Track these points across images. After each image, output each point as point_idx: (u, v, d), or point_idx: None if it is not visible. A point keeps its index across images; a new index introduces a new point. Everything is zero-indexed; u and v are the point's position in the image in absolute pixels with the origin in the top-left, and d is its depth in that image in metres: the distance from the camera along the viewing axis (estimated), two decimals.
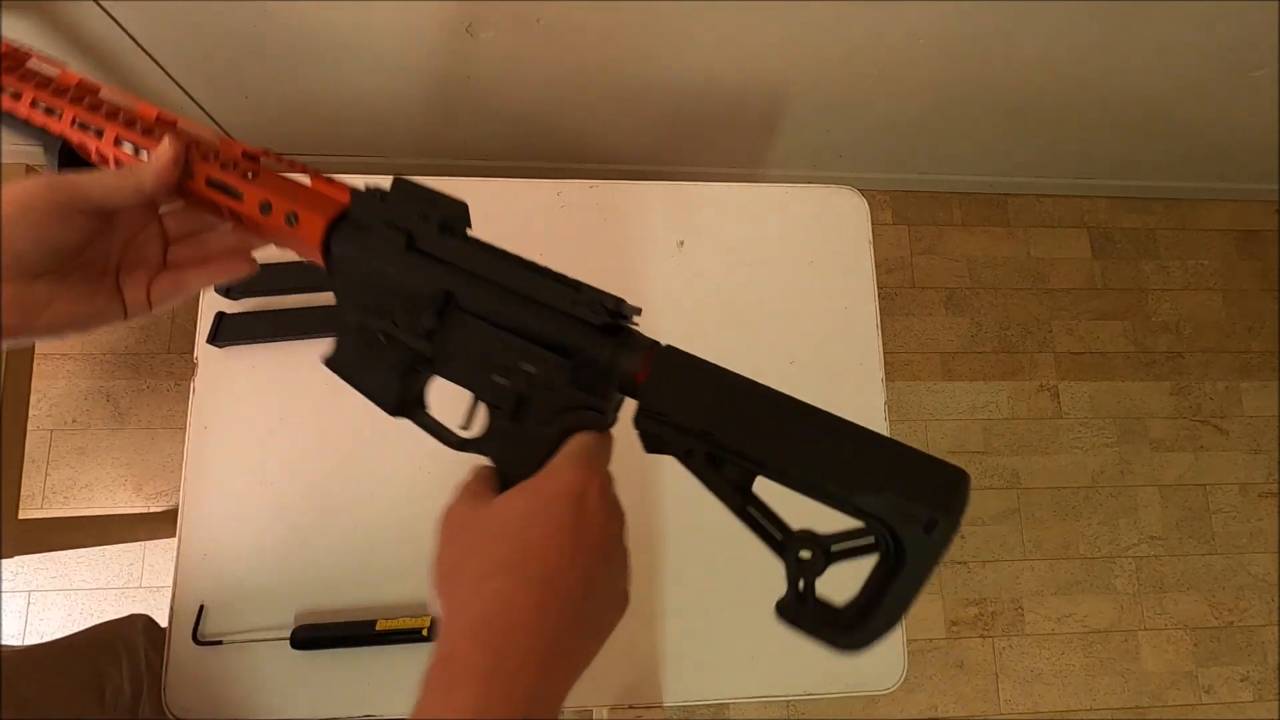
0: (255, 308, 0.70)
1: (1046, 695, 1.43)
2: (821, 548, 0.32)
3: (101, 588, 1.25)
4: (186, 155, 0.34)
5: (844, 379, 0.74)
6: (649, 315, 0.78)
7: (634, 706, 0.65)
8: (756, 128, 1.32)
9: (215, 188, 0.35)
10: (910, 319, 1.57)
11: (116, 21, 0.96)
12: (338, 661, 0.63)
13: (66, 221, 0.32)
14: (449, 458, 0.71)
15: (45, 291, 0.32)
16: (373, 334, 0.35)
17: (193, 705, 0.62)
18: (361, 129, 1.26)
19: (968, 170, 1.56)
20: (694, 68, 1.11)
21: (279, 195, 0.35)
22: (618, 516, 0.33)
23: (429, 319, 0.34)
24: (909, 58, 1.10)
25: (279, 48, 1.02)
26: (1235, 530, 1.55)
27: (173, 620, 0.63)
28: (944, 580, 1.46)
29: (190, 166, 0.35)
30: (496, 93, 1.15)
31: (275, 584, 0.65)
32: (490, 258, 0.35)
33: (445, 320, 0.34)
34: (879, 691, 0.68)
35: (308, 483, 0.67)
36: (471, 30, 0.99)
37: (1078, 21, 1.02)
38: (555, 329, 0.33)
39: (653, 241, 0.76)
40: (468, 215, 0.35)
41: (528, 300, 0.34)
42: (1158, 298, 1.65)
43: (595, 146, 1.35)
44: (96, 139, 0.35)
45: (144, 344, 1.35)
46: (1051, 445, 1.54)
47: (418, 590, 0.66)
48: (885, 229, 1.60)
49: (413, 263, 0.34)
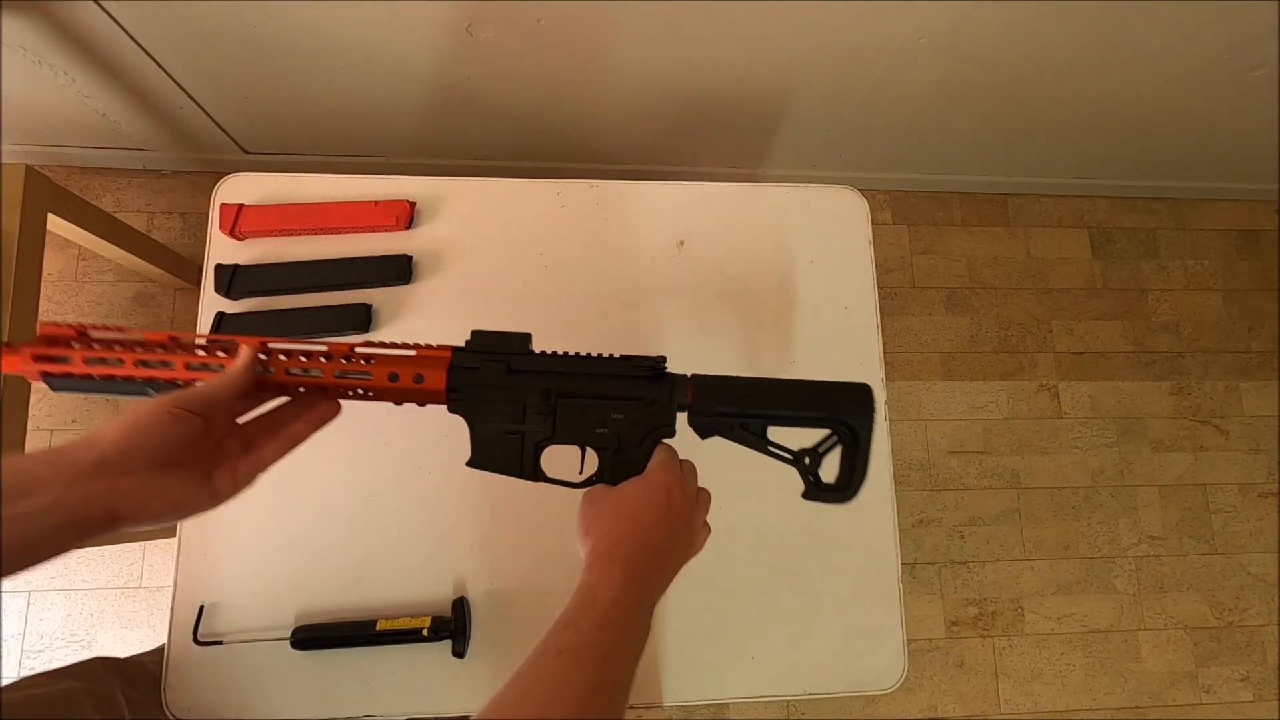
0: (255, 308, 0.70)
1: (1046, 695, 1.43)
2: (815, 452, 0.54)
3: (101, 588, 1.25)
4: (258, 359, 0.47)
5: (844, 379, 0.74)
6: (649, 315, 0.78)
7: (634, 706, 0.65)
8: (756, 128, 1.32)
9: (296, 375, 0.48)
10: (910, 319, 1.57)
11: (116, 21, 0.95)
12: (338, 661, 0.63)
13: (180, 421, 0.41)
14: (446, 460, 0.71)
15: (160, 482, 0.40)
16: (502, 434, 0.51)
17: (193, 705, 0.62)
18: (361, 129, 1.26)
19: (968, 170, 1.56)
20: (694, 68, 1.11)
21: (401, 365, 0.49)
22: (692, 497, 0.51)
23: (546, 408, 0.51)
24: (909, 58, 1.10)
25: (279, 48, 1.02)
26: (1235, 530, 1.55)
27: (173, 620, 0.63)
28: (944, 580, 1.46)
29: (268, 366, 0.47)
30: (496, 93, 1.15)
31: (275, 584, 0.65)
32: (563, 359, 0.53)
33: (555, 407, 0.52)
34: (879, 691, 0.68)
35: (308, 484, 0.67)
36: (471, 30, 0.99)
37: (1078, 22, 1.02)
38: (628, 388, 0.52)
39: (653, 241, 0.76)
40: (530, 339, 0.53)
41: (604, 376, 0.52)
42: (1158, 298, 1.65)
43: (595, 146, 1.35)
44: (171, 370, 0.47)
45: None
46: (1051, 445, 1.54)
47: (417, 590, 0.66)
48: (885, 229, 1.60)
49: (517, 379, 0.51)
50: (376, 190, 0.74)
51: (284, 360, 0.48)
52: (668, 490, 0.49)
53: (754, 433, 0.53)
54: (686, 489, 0.50)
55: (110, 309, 1.35)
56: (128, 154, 1.36)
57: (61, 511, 0.37)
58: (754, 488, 0.70)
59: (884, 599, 0.70)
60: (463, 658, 0.63)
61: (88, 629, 1.24)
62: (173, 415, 0.41)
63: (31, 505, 0.36)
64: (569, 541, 0.53)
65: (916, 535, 1.47)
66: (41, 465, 0.38)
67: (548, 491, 0.64)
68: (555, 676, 0.38)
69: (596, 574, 0.43)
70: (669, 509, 0.48)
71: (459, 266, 0.73)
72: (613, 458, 0.52)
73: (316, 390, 0.48)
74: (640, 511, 0.47)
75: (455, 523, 0.67)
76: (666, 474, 0.49)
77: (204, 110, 1.19)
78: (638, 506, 0.48)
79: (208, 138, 1.28)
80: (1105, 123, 1.34)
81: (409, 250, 0.72)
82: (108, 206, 1.39)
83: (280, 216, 0.72)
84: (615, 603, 0.41)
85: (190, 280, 1.31)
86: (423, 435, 0.68)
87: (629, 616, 0.42)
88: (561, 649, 0.39)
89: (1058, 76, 1.18)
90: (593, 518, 0.49)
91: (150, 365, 0.47)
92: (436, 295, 0.72)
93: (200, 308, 0.70)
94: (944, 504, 1.49)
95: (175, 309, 1.37)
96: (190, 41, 1.01)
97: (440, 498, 0.68)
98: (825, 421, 0.54)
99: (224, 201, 0.72)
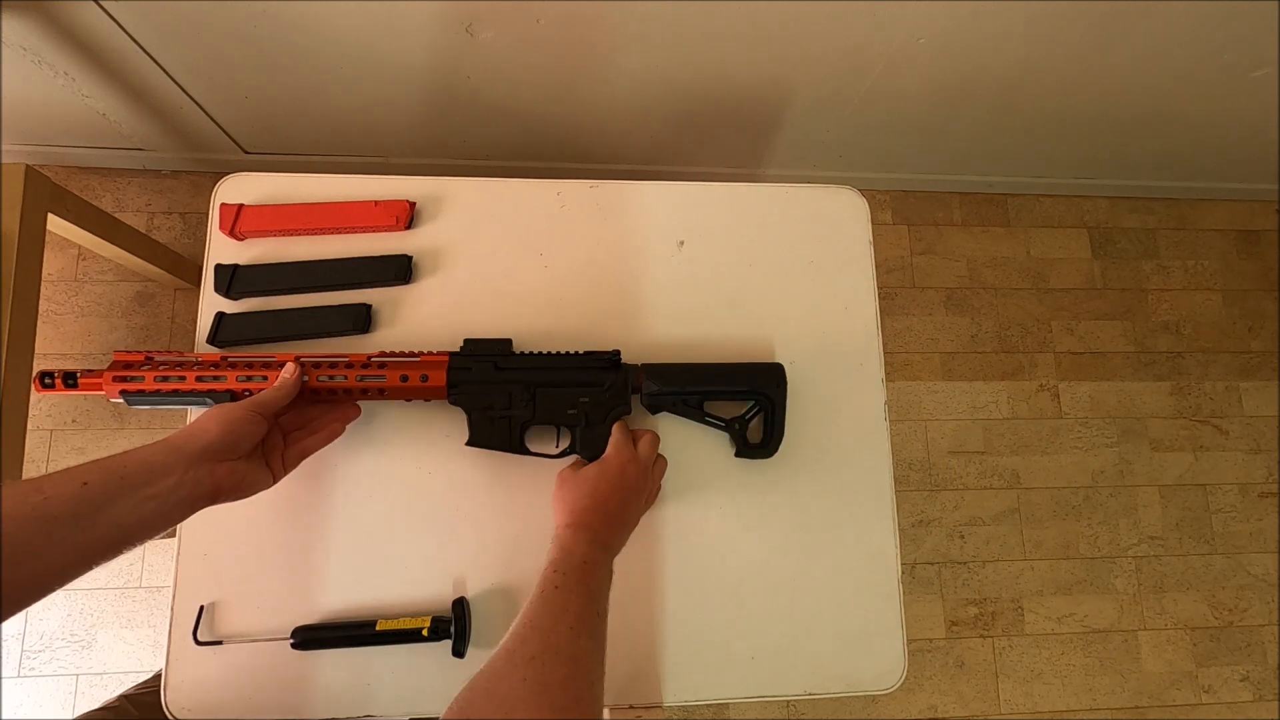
0: (255, 308, 0.70)
1: (1046, 695, 1.43)
2: (742, 419, 0.69)
3: (101, 588, 1.25)
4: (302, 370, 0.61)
5: (844, 379, 0.74)
6: (649, 315, 0.78)
7: (634, 706, 0.65)
8: (756, 128, 1.32)
9: (326, 382, 0.62)
10: (910, 319, 1.57)
11: (116, 21, 0.96)
12: (338, 661, 0.63)
13: (255, 421, 0.55)
14: (444, 461, 0.71)
15: (243, 467, 0.54)
16: (493, 419, 0.64)
17: (193, 705, 0.62)
18: (361, 129, 1.26)
19: (968, 170, 1.56)
20: (694, 68, 1.11)
21: (409, 369, 0.63)
22: (646, 467, 0.63)
23: (528, 397, 0.65)
24: (908, 58, 1.10)
25: (279, 48, 1.02)
26: (1235, 530, 1.55)
27: (173, 620, 0.63)
28: (944, 580, 1.46)
29: (307, 376, 0.61)
30: (496, 93, 1.15)
31: (275, 584, 0.65)
32: (539, 357, 0.66)
33: (535, 395, 0.65)
34: (879, 691, 0.68)
35: (308, 484, 0.67)
36: (471, 30, 0.99)
37: (1078, 21, 1.02)
38: (591, 376, 0.66)
39: (653, 241, 0.76)
40: (511, 343, 0.67)
41: (572, 368, 0.66)
42: (1157, 298, 1.65)
43: (595, 146, 1.35)
44: (225, 383, 0.60)
45: (144, 344, 1.35)
46: (1051, 445, 1.54)
47: (417, 590, 0.66)
48: (885, 229, 1.60)
49: (504, 375, 0.65)
50: (376, 190, 0.74)
51: (315, 370, 0.61)
52: (620, 466, 0.61)
53: (693, 407, 0.68)
54: (639, 461, 0.62)
55: (110, 309, 1.35)
56: (128, 154, 1.36)
57: (184, 490, 0.49)
58: (754, 488, 0.70)
59: (884, 599, 0.70)
60: (463, 657, 0.63)
61: (88, 629, 1.24)
62: (253, 416, 0.55)
63: (163, 486, 0.48)
64: None
65: (916, 535, 1.47)
66: (161, 454, 0.49)
67: (545, 493, 0.64)
68: (556, 602, 0.49)
69: (569, 536, 0.56)
70: (622, 482, 0.60)
71: (459, 266, 0.73)
72: (582, 433, 0.65)
73: (343, 393, 0.62)
74: (599, 489, 0.60)
75: (455, 523, 0.67)
76: (619, 453, 0.62)
77: (204, 110, 1.19)
78: (597, 485, 0.60)
79: (208, 138, 1.28)
80: (1105, 123, 1.34)
81: (409, 250, 0.72)
82: (108, 206, 1.39)
83: (280, 216, 0.72)
84: (586, 556, 0.54)
85: (190, 280, 1.31)
86: (422, 435, 0.68)
87: (598, 562, 0.55)
88: (558, 585, 0.50)
89: (1057, 76, 1.18)
90: (562, 495, 0.61)
91: (207, 380, 0.60)
92: (436, 295, 0.72)
93: (200, 308, 0.70)
94: (944, 504, 1.49)
95: (175, 309, 1.37)
96: (190, 41, 1.01)
97: (440, 498, 0.68)
98: (748, 395, 0.69)
99: (224, 201, 0.72)
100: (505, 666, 0.44)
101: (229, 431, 0.52)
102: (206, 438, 0.51)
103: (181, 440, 0.51)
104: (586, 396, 0.65)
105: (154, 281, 1.36)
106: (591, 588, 0.52)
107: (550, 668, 0.44)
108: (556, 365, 0.65)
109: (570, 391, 0.65)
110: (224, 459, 0.52)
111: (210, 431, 0.52)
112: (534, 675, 0.43)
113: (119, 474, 0.46)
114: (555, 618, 0.48)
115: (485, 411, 0.64)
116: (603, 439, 0.64)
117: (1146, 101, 1.26)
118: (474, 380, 0.64)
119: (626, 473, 0.61)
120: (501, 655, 0.45)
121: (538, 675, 0.43)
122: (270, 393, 0.58)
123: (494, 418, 0.64)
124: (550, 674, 0.43)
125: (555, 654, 0.45)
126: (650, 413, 0.69)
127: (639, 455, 0.63)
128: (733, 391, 0.68)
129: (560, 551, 0.54)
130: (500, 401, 0.64)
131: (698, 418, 0.68)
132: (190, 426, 0.53)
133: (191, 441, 0.51)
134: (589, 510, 0.58)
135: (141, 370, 0.60)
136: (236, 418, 0.54)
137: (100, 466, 0.46)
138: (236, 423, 0.53)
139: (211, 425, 0.52)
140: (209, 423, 0.53)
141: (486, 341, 0.66)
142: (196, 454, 0.50)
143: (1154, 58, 1.12)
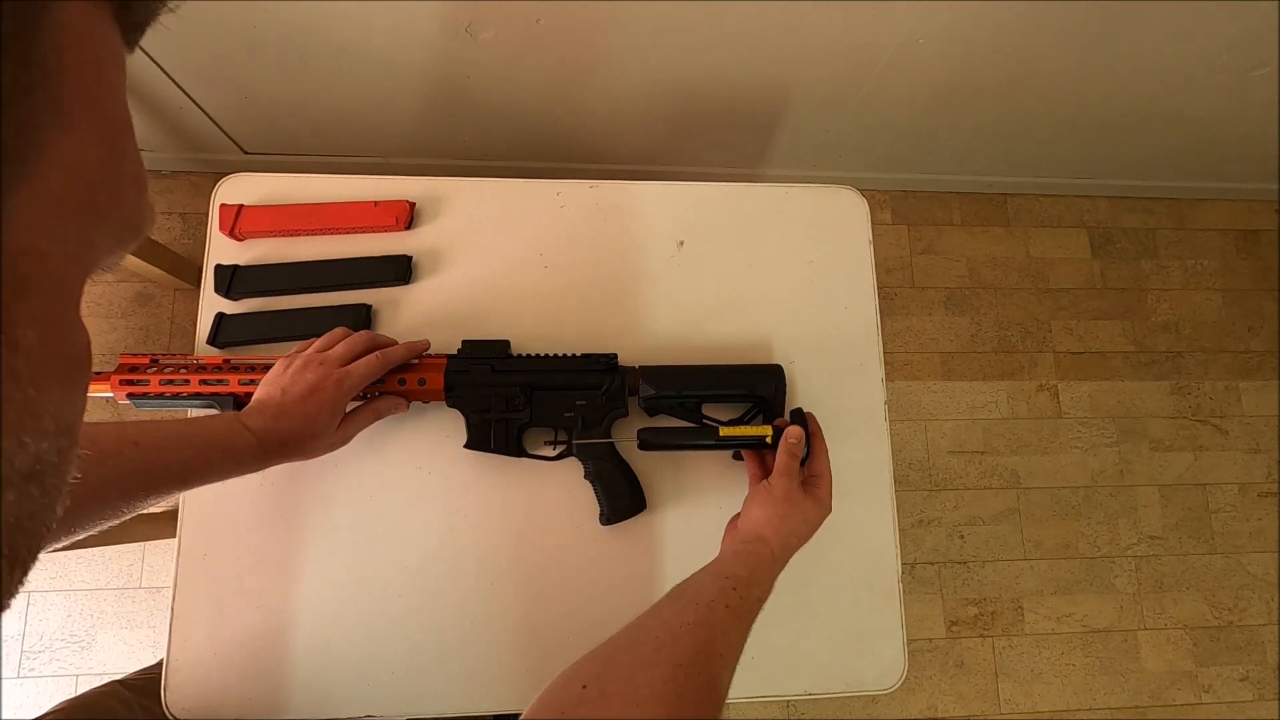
0: (255, 308, 0.70)
1: (1046, 695, 1.43)
2: (741, 421, 0.67)
3: (101, 588, 1.25)
4: None
5: (844, 379, 0.74)
6: (649, 315, 0.78)
7: None
8: (756, 128, 1.32)
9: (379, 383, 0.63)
10: (910, 319, 1.57)
11: None
12: (338, 661, 0.63)
13: (345, 398, 0.60)
14: (443, 462, 0.71)
15: (340, 432, 0.61)
16: (490, 421, 0.64)
17: (193, 705, 0.62)
18: (361, 129, 1.26)
19: (967, 170, 1.56)
20: (694, 68, 1.11)
21: (408, 373, 0.64)
22: (802, 495, 0.61)
23: (524, 399, 0.65)
24: (908, 58, 1.10)
25: (279, 48, 1.02)
26: (1235, 530, 1.55)
27: (173, 620, 0.63)
28: (944, 580, 1.46)
29: None
30: (496, 93, 1.15)
31: (275, 585, 0.65)
32: (536, 360, 0.66)
33: (532, 398, 0.65)
34: (879, 691, 0.68)
35: (308, 482, 0.67)
36: (471, 30, 0.99)
37: (1077, 21, 1.02)
38: (589, 379, 0.66)
39: (653, 241, 0.76)
40: (509, 345, 0.67)
41: (569, 372, 0.65)
42: (1157, 297, 1.65)
43: (595, 146, 1.35)
44: (227, 386, 0.62)
45: (144, 344, 1.35)
46: (1051, 445, 1.54)
47: (417, 590, 0.66)
48: (885, 229, 1.60)
49: (501, 378, 0.65)
50: (376, 190, 0.74)
51: None
52: (823, 518, 0.60)
53: (691, 409, 0.67)
54: (825, 510, 0.61)
55: (110, 309, 1.35)
56: None
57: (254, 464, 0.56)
58: None
59: (884, 599, 0.70)
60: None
61: (87, 629, 1.24)
62: (344, 395, 0.60)
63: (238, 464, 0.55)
64: (571, 547, 0.66)
65: (916, 535, 1.47)
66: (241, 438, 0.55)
67: (543, 493, 0.64)
68: (722, 622, 0.48)
69: (766, 564, 0.54)
70: (787, 522, 0.57)
71: (459, 266, 0.73)
72: (579, 436, 0.65)
73: None
74: (806, 529, 0.58)
75: (455, 523, 0.67)
76: (827, 506, 0.61)
77: (204, 110, 1.19)
78: (811, 524, 0.59)
79: (207, 138, 1.28)
80: (1105, 123, 1.34)
81: (409, 250, 0.72)
82: None
83: (280, 217, 0.72)
84: (763, 596, 0.52)
85: (190, 280, 1.31)
86: (422, 437, 0.68)
87: (764, 602, 0.53)
88: (730, 605, 0.49)
89: (1057, 76, 1.18)
90: (777, 507, 0.58)
91: (210, 384, 0.61)
92: (436, 295, 0.72)
93: (200, 308, 0.70)
94: (944, 504, 1.49)
95: (175, 309, 1.37)
96: (190, 41, 1.01)
97: (438, 496, 0.68)
98: (745, 397, 0.68)
99: (224, 202, 0.72)
100: (652, 655, 0.43)
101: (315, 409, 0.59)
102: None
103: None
104: (583, 399, 0.65)
105: (154, 282, 1.35)
106: (750, 624, 0.50)
107: (693, 685, 0.42)
108: (553, 368, 0.65)
109: (567, 394, 0.65)
110: (335, 426, 0.61)
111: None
112: (678, 683, 0.42)
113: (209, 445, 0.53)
114: (713, 634, 0.46)
115: (483, 414, 0.64)
116: (602, 439, 0.65)
117: (1146, 101, 1.26)
118: (471, 383, 0.64)
119: (790, 510, 0.58)
120: (649, 642, 0.44)
121: (680, 686, 0.42)
122: (360, 367, 0.61)
123: (491, 420, 0.64)
124: (690, 690, 0.42)
125: (700, 673, 0.43)
126: (648, 415, 0.68)
127: (826, 503, 0.61)
128: (730, 395, 0.68)
129: (748, 571, 0.52)
130: (498, 404, 0.64)
131: (696, 421, 0.67)
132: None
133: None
134: (793, 549, 0.57)
135: (147, 374, 0.61)
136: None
137: (197, 438, 0.52)
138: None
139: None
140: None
141: (484, 343, 0.66)
142: None
143: (1154, 58, 1.12)
